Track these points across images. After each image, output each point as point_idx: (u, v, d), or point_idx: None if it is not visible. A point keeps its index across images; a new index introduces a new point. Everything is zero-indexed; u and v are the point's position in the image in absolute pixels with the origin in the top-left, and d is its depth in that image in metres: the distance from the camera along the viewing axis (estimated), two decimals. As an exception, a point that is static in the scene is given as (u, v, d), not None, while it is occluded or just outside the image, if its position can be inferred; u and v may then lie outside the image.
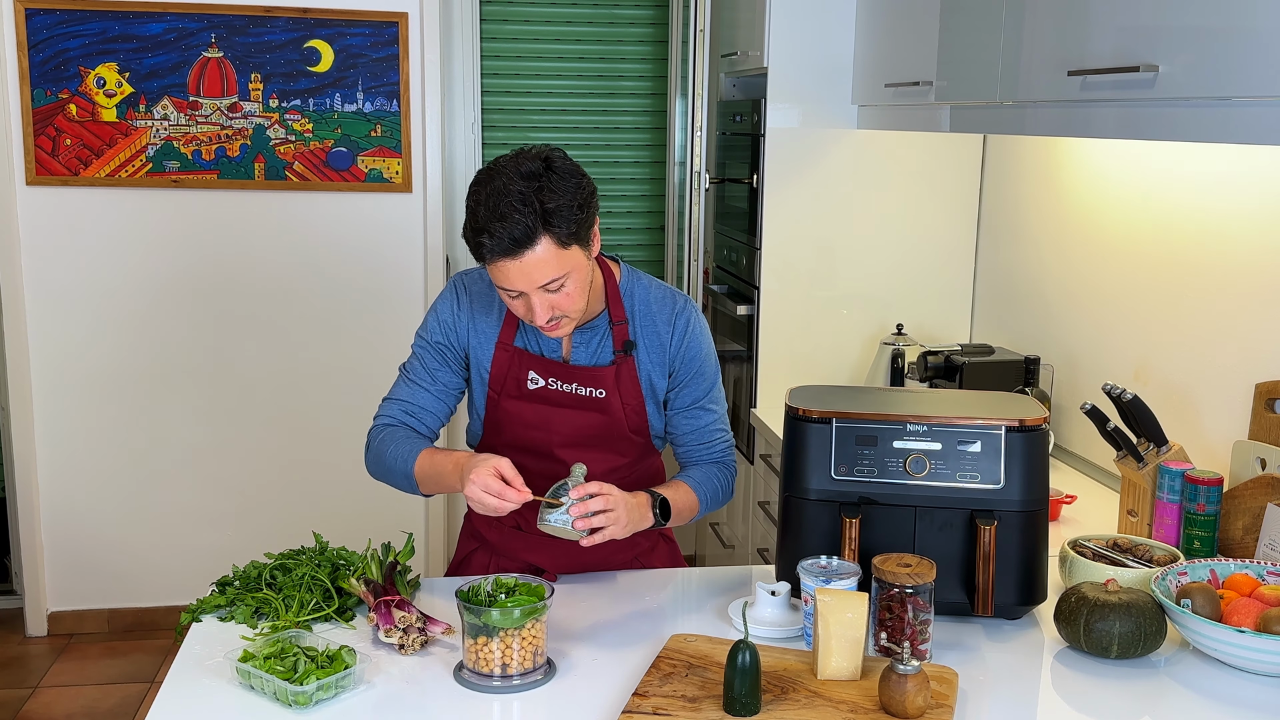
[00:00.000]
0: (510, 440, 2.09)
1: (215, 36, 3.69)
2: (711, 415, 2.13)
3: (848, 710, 1.57)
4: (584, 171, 1.89)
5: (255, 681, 1.66)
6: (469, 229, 1.84)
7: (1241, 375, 2.33)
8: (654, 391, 2.08)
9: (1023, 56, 2.34)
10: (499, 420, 2.08)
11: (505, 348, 2.05)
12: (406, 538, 2.03)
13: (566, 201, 1.82)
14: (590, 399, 2.04)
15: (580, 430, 2.06)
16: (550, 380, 2.04)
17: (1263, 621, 1.73)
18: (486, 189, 1.82)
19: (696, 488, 2.08)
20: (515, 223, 1.79)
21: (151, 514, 3.94)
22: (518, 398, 2.05)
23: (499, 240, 1.80)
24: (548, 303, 1.88)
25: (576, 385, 2.04)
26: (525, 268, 1.82)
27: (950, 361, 3.03)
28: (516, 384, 2.05)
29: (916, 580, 1.73)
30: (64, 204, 3.73)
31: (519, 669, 1.68)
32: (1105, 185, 2.79)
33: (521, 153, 1.87)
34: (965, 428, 1.87)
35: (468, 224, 1.84)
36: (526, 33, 4.28)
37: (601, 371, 2.03)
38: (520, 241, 1.80)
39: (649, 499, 1.95)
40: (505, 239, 1.80)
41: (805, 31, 3.26)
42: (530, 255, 1.81)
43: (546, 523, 1.82)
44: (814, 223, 3.37)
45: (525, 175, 1.82)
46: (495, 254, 1.82)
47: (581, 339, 2.05)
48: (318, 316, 3.92)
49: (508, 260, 1.82)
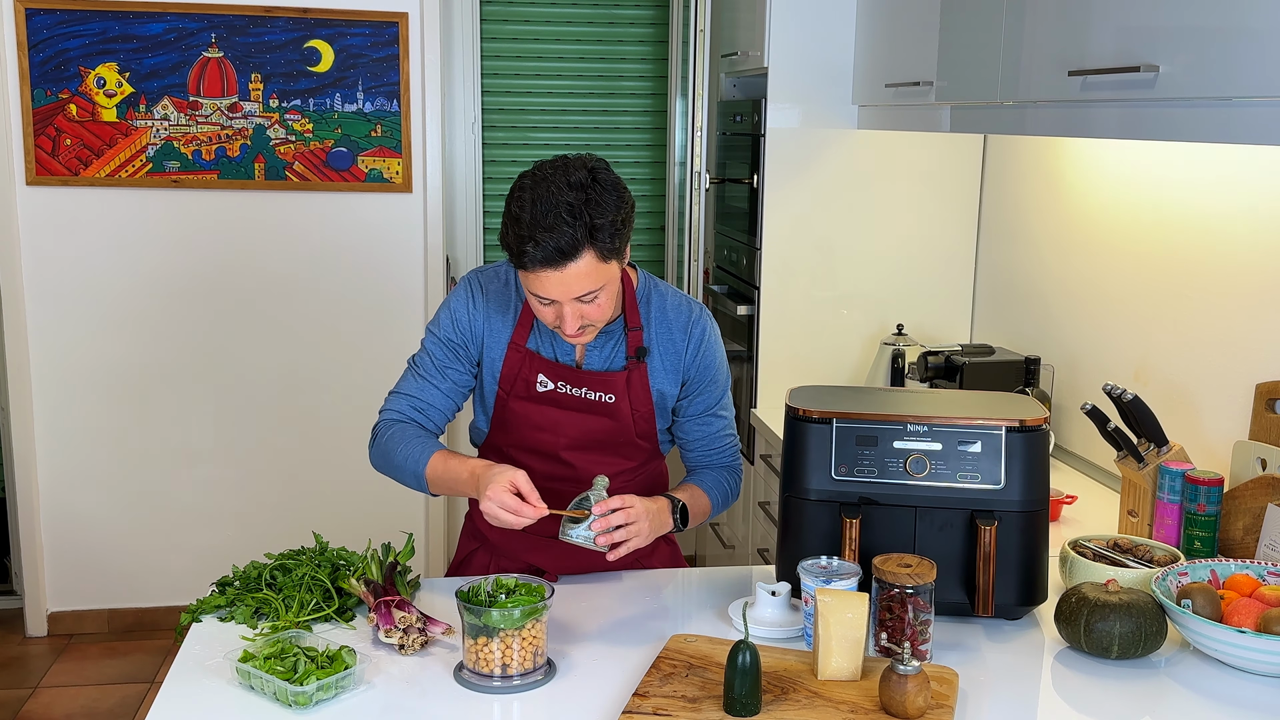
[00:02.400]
0: (517, 441, 2.09)
1: (215, 36, 3.69)
2: (722, 421, 2.14)
3: (848, 710, 1.57)
4: (624, 184, 1.90)
5: (255, 682, 1.66)
6: (511, 235, 1.83)
7: (1241, 375, 2.33)
8: (664, 399, 2.08)
9: (1023, 56, 2.34)
10: (506, 420, 2.08)
11: (517, 348, 2.04)
12: (406, 538, 2.03)
13: (612, 217, 1.83)
14: (599, 404, 2.04)
15: (588, 434, 2.06)
16: (560, 384, 2.04)
17: (1263, 622, 1.73)
18: (533, 195, 1.81)
19: (709, 491, 2.10)
20: (562, 234, 1.79)
21: (151, 514, 3.94)
22: (526, 399, 2.05)
23: (544, 250, 1.80)
24: (579, 312, 1.88)
25: (586, 390, 2.03)
26: (565, 279, 1.83)
27: (950, 362, 3.03)
28: (526, 385, 2.05)
29: (917, 580, 1.73)
30: (64, 204, 3.73)
31: (519, 669, 1.68)
32: (1105, 185, 2.79)
33: (567, 161, 1.86)
34: (965, 428, 1.87)
35: (509, 230, 1.83)
36: (526, 33, 4.28)
37: (612, 377, 2.03)
38: (565, 253, 1.80)
39: (669, 504, 1.97)
40: (551, 249, 1.79)
41: (805, 31, 3.26)
42: (572, 267, 1.81)
43: (569, 537, 1.82)
44: (814, 223, 3.37)
45: (573, 185, 1.81)
46: (537, 263, 1.81)
47: (595, 344, 2.04)
48: (317, 316, 3.92)
49: (549, 270, 1.82)
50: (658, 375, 2.06)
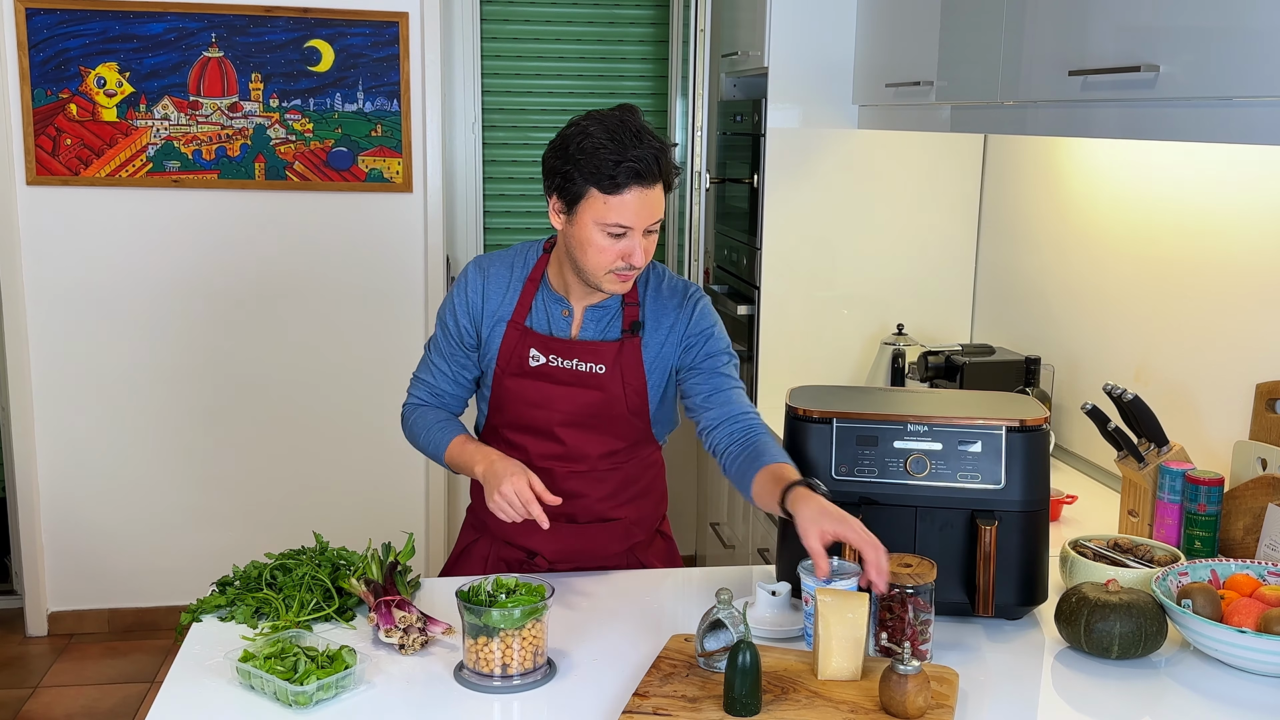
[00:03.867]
0: (512, 419, 2.13)
1: (215, 36, 3.69)
2: (729, 380, 2.08)
3: (848, 710, 1.57)
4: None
5: (255, 681, 1.66)
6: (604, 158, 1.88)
7: (1242, 375, 2.33)
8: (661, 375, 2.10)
9: (1023, 56, 2.34)
10: (502, 398, 2.12)
11: (516, 326, 2.09)
12: (407, 538, 2.03)
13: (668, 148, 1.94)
14: (589, 375, 2.07)
15: (580, 408, 2.08)
16: (550, 357, 2.07)
17: (1263, 622, 1.73)
18: (605, 127, 1.89)
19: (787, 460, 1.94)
20: (649, 153, 1.89)
21: (151, 514, 3.94)
22: (520, 375, 2.09)
23: (641, 164, 1.88)
24: (644, 245, 1.96)
25: (577, 361, 2.07)
26: (649, 200, 1.91)
27: (951, 362, 3.02)
28: (519, 362, 2.09)
29: (917, 580, 1.73)
30: (64, 204, 3.73)
31: (519, 669, 1.68)
32: (1105, 185, 2.79)
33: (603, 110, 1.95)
34: (966, 428, 1.87)
35: (593, 157, 1.88)
36: (526, 33, 4.28)
37: (603, 347, 2.06)
38: (653, 172, 1.90)
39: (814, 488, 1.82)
40: (646, 164, 1.88)
41: (806, 31, 3.26)
42: (656, 189, 1.92)
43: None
44: (814, 223, 3.37)
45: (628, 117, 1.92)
46: (632, 179, 1.89)
47: (592, 316, 2.08)
48: (318, 316, 3.92)
49: (641, 189, 1.90)
50: (652, 349, 2.08)
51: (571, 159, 1.91)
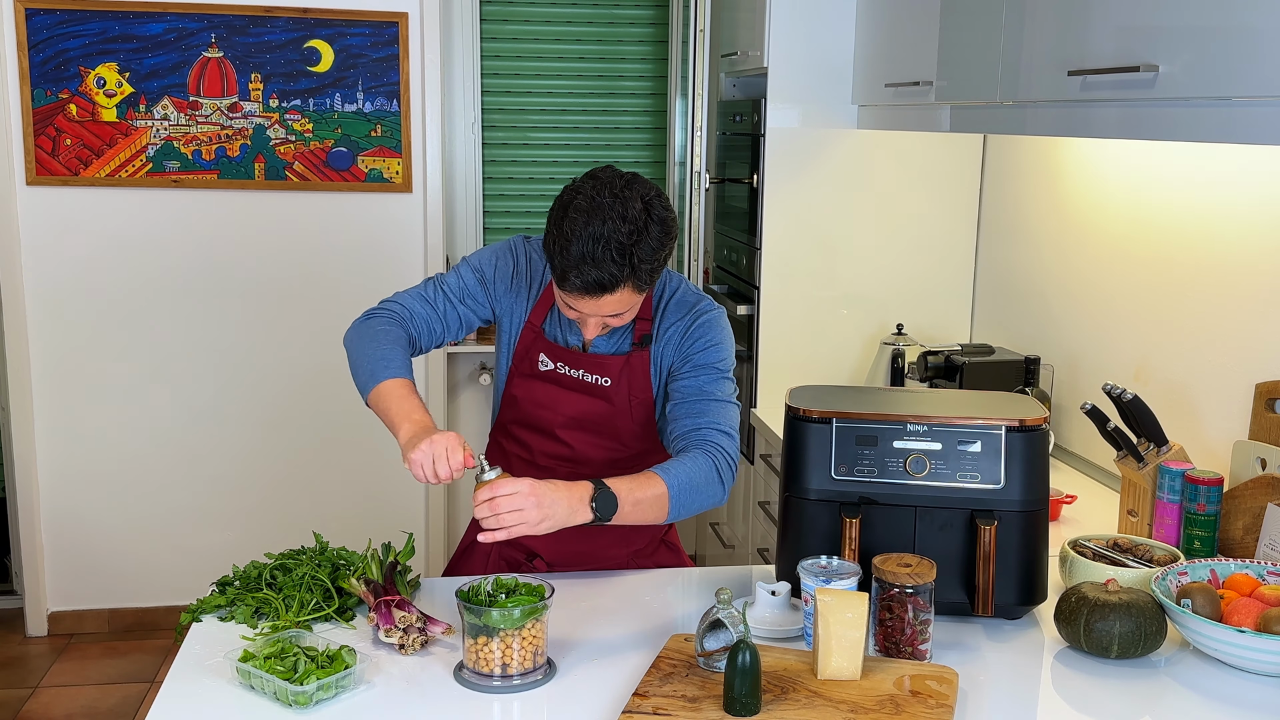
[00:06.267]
0: (521, 417, 2.15)
1: (215, 36, 3.69)
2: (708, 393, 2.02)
3: (848, 710, 1.57)
4: (674, 217, 1.93)
5: (255, 681, 1.66)
6: (557, 257, 1.86)
7: (1241, 375, 2.33)
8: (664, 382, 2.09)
9: (1023, 56, 2.34)
10: (514, 395, 2.14)
11: (532, 328, 2.10)
12: (407, 538, 2.03)
13: (656, 254, 1.88)
14: (596, 386, 2.07)
15: (583, 414, 2.09)
16: (559, 364, 2.09)
17: (1263, 621, 1.73)
18: (586, 223, 1.83)
19: (664, 473, 1.88)
20: (606, 270, 1.84)
21: (151, 514, 3.94)
22: (530, 376, 2.11)
23: (585, 281, 1.85)
24: (603, 324, 1.96)
25: (583, 371, 2.08)
26: (600, 305, 1.90)
27: (950, 361, 3.03)
28: (531, 364, 2.11)
29: (916, 580, 1.73)
30: (64, 204, 3.73)
31: (519, 669, 1.68)
32: (1105, 185, 2.79)
33: (627, 185, 1.88)
34: (965, 428, 1.87)
35: (556, 250, 1.86)
36: (526, 33, 4.28)
37: (609, 360, 2.06)
38: (605, 287, 1.86)
39: (589, 490, 1.82)
40: (593, 282, 1.85)
41: (805, 31, 3.26)
42: (608, 298, 1.88)
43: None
44: (814, 223, 3.37)
45: (627, 220, 1.84)
46: (576, 289, 1.87)
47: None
48: (317, 316, 3.92)
49: (586, 298, 1.88)
50: (657, 360, 2.08)
51: (552, 228, 1.89)
